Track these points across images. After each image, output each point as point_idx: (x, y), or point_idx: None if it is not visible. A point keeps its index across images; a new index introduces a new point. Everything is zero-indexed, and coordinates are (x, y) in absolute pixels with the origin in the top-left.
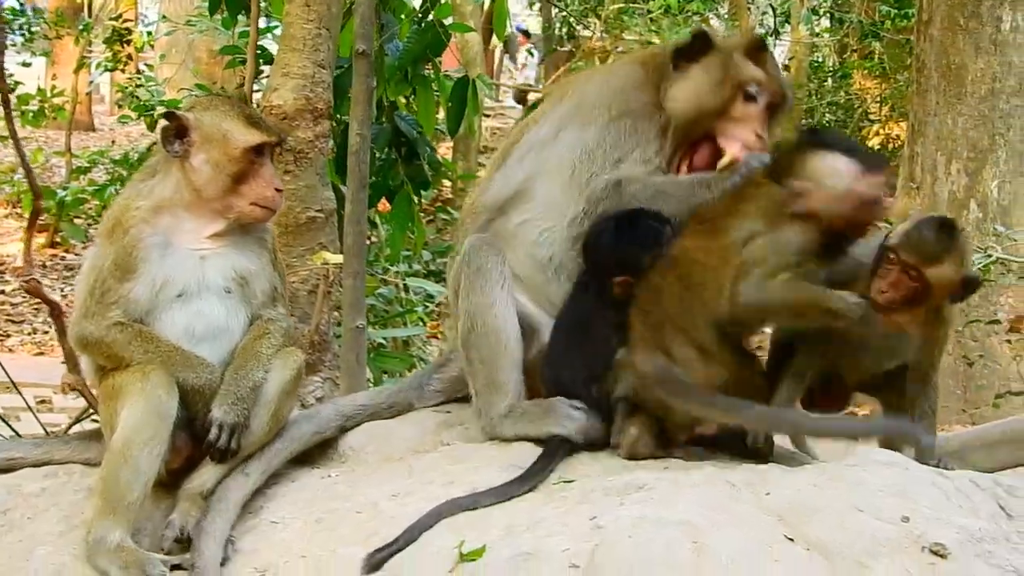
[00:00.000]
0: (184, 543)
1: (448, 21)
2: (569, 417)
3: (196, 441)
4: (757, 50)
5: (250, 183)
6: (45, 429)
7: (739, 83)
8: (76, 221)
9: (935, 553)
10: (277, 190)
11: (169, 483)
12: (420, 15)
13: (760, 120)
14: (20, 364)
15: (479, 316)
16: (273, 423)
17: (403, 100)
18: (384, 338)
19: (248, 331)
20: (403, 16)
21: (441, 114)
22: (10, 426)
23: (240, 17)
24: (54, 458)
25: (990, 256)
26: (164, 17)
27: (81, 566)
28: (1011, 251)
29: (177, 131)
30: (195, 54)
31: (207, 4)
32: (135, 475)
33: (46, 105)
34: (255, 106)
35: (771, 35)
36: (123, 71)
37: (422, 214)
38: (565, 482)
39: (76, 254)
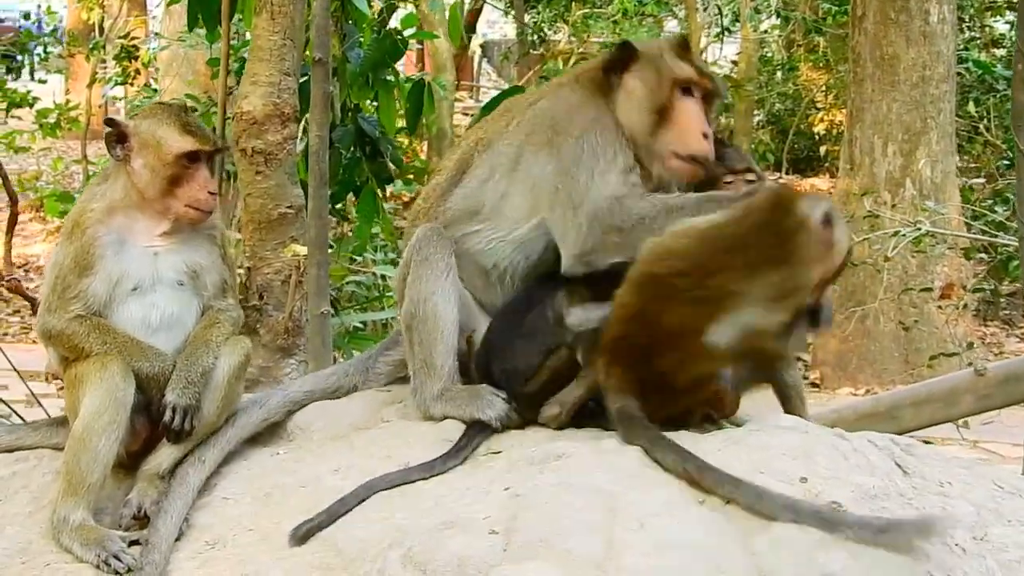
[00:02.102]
0: (142, 520)
1: (414, 30)
2: (491, 404)
3: (153, 424)
4: (682, 48)
5: (184, 187)
6: (47, 412)
7: (674, 81)
8: None
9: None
10: (211, 193)
11: (129, 465)
12: (379, 25)
13: (702, 115)
14: (39, 355)
15: (422, 302)
16: (224, 405)
17: (368, 103)
18: (362, 322)
19: (199, 321)
20: (364, 25)
21: None
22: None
23: None
24: (25, 443)
25: (920, 229)
26: (157, 34)
27: (46, 543)
28: (943, 224)
29: (118, 137)
30: (194, 67)
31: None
32: (95, 458)
33: (62, 118)
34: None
35: (721, 33)
36: (132, 84)
37: (400, 207)
38: (493, 453)
39: None
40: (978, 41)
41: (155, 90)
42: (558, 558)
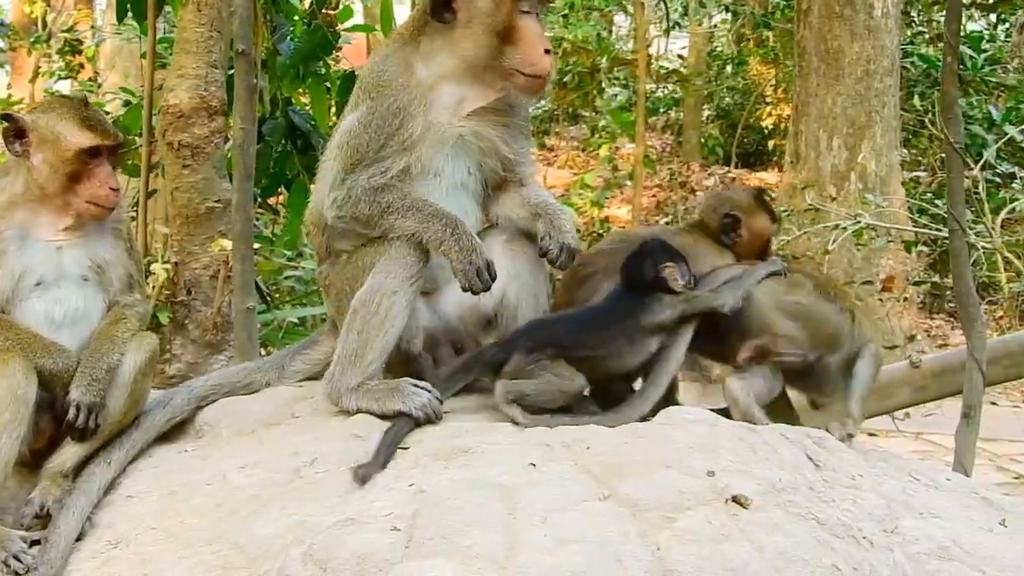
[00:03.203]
0: (44, 519)
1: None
2: (413, 394)
3: (58, 422)
4: None
5: (85, 183)
6: None
7: (512, 1)
8: None
9: (738, 504)
10: (113, 189)
11: (33, 464)
12: (309, 17)
13: (542, 33)
14: None
15: (383, 296)
16: (131, 402)
17: (299, 96)
18: (300, 317)
19: (105, 317)
20: (295, 18)
21: None
22: None
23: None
24: None
25: (859, 222)
26: (93, 27)
27: None
28: (887, 218)
29: (16, 133)
30: (136, 60)
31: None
32: None
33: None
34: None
35: (669, 28)
36: (76, 79)
37: None
38: (402, 448)
39: None
40: (925, 35)
41: (99, 84)
42: (459, 555)
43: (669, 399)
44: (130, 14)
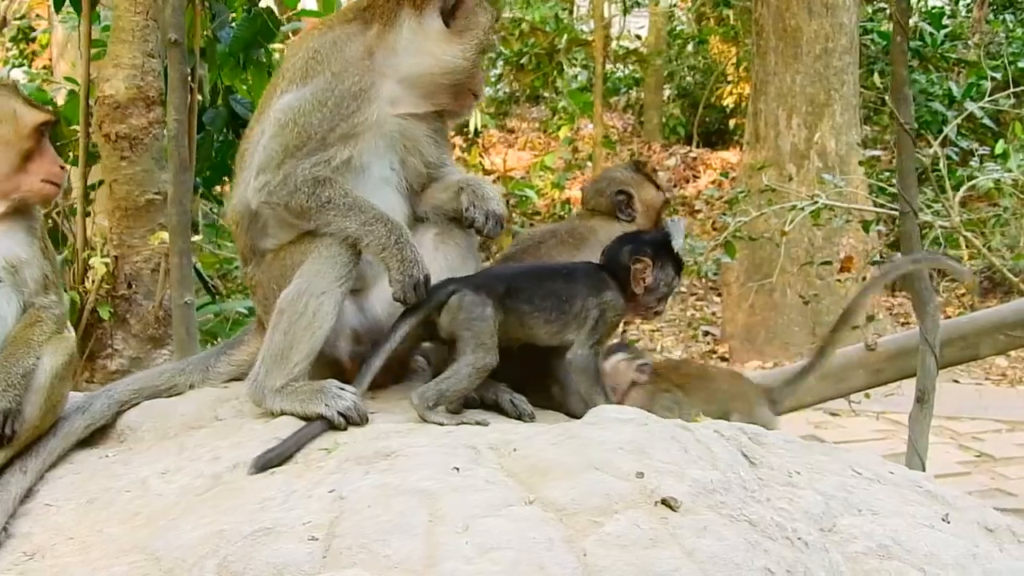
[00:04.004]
0: None
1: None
2: (337, 397)
3: None
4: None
5: (38, 161)
6: None
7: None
8: None
9: (667, 506)
10: (60, 167)
11: None
12: (250, 4)
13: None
14: None
15: (311, 296)
16: (48, 407)
17: (241, 84)
18: (248, 308)
19: (20, 320)
20: (236, 5)
21: None
22: None
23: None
24: None
25: (816, 203)
26: (38, 15)
27: None
28: (849, 198)
29: None
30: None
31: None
32: None
33: None
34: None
35: (627, 7)
36: (31, 67)
37: None
38: (324, 451)
39: None
40: (885, 12)
41: (51, 72)
42: (377, 565)
43: None
44: (68, 3)
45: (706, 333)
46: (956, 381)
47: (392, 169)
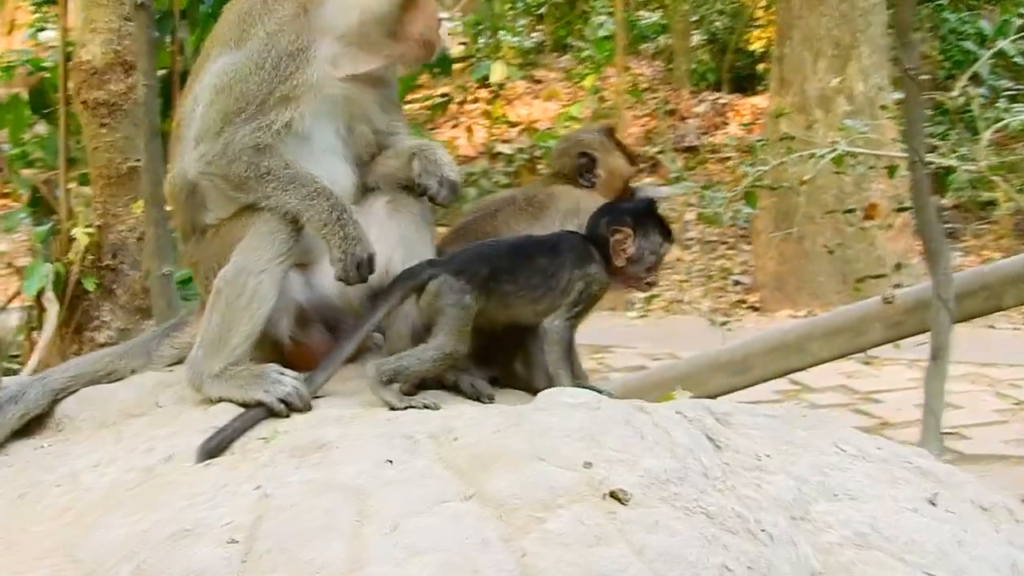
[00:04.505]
0: None
1: None
2: (277, 383)
3: None
4: None
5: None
6: None
7: None
8: None
9: (616, 499)
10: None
11: None
12: None
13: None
14: None
15: (247, 276)
16: None
17: None
18: None
19: None
20: None
21: None
22: None
23: None
24: None
25: (835, 150)
26: None
27: None
28: (877, 143)
29: None
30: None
31: None
32: None
33: None
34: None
35: None
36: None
37: None
38: (264, 440)
39: None
40: None
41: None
42: (298, 571)
43: None
44: None
45: (736, 283)
46: (992, 327)
47: (338, 137)
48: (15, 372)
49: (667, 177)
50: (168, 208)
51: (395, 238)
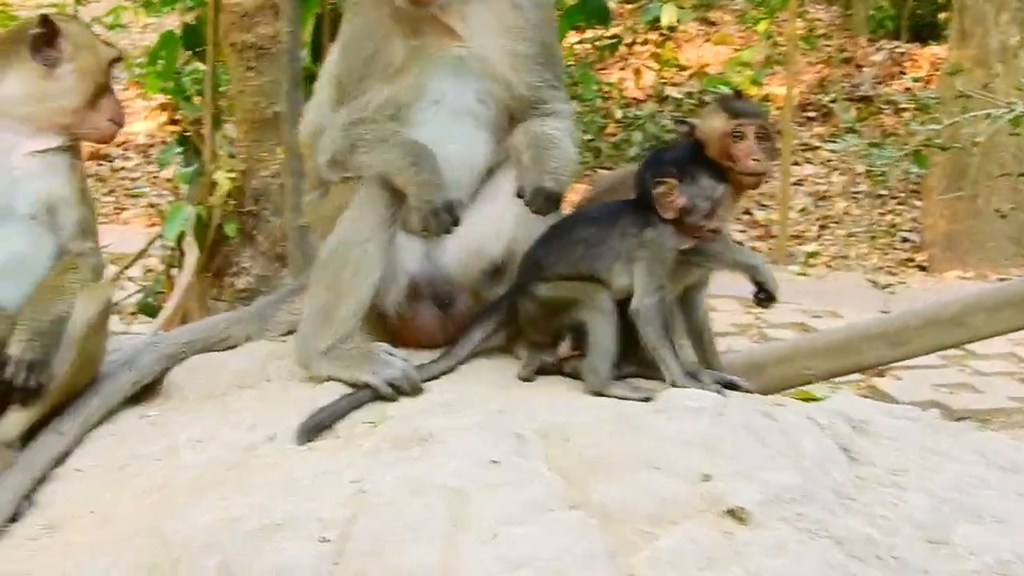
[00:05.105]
0: None
1: None
2: (386, 364)
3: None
4: None
5: (107, 98)
6: None
7: None
8: None
9: (735, 517)
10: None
11: None
12: None
13: None
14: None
15: (352, 245)
16: (82, 362)
17: None
18: None
19: (54, 266)
20: None
21: None
22: None
23: None
24: None
25: (1013, 110)
26: None
27: None
28: None
29: (48, 38)
30: None
31: None
32: None
33: None
34: None
35: None
36: None
37: None
38: (371, 424)
39: None
40: None
41: None
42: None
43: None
44: None
45: (904, 240)
46: None
47: (479, 100)
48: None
49: (838, 127)
50: None
51: (520, 216)
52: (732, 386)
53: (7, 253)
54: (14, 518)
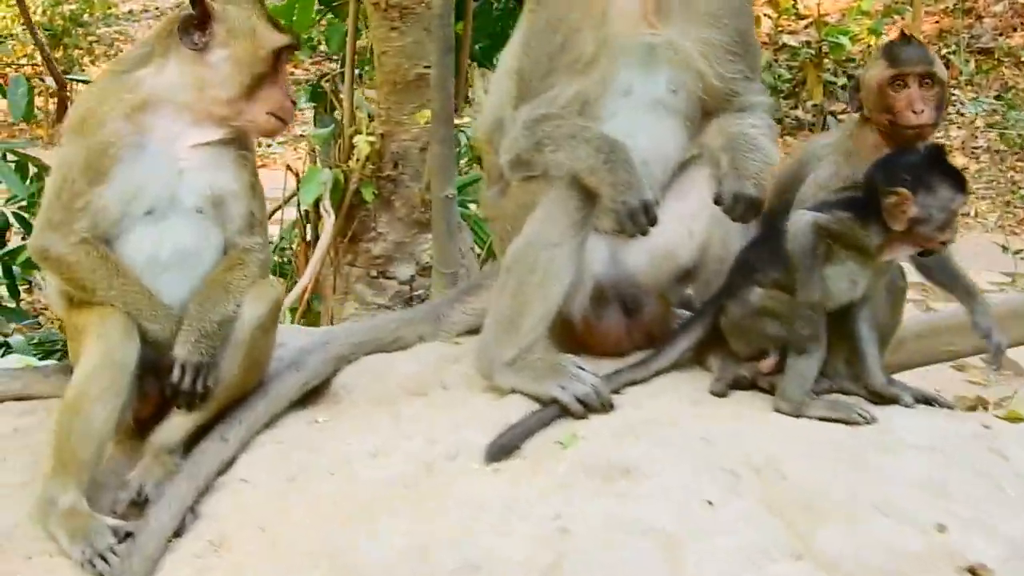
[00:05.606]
0: (142, 505)
1: None
2: (575, 379)
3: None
4: None
5: (268, 89)
6: None
7: None
8: None
9: None
10: (292, 101)
11: (139, 433)
12: None
13: None
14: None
15: (539, 249)
16: (249, 364)
17: None
18: None
19: (220, 261)
20: None
21: None
22: None
23: None
24: (32, 392)
25: None
26: None
27: (33, 528)
28: None
29: (200, 20)
30: None
31: None
32: (87, 431)
33: None
34: None
35: None
36: None
37: None
38: (560, 444)
39: None
40: None
41: None
42: None
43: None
44: None
45: None
46: None
47: (672, 91)
48: (289, 288)
49: (958, 79)
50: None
51: (714, 215)
52: (929, 401)
53: (173, 246)
54: (178, 532)
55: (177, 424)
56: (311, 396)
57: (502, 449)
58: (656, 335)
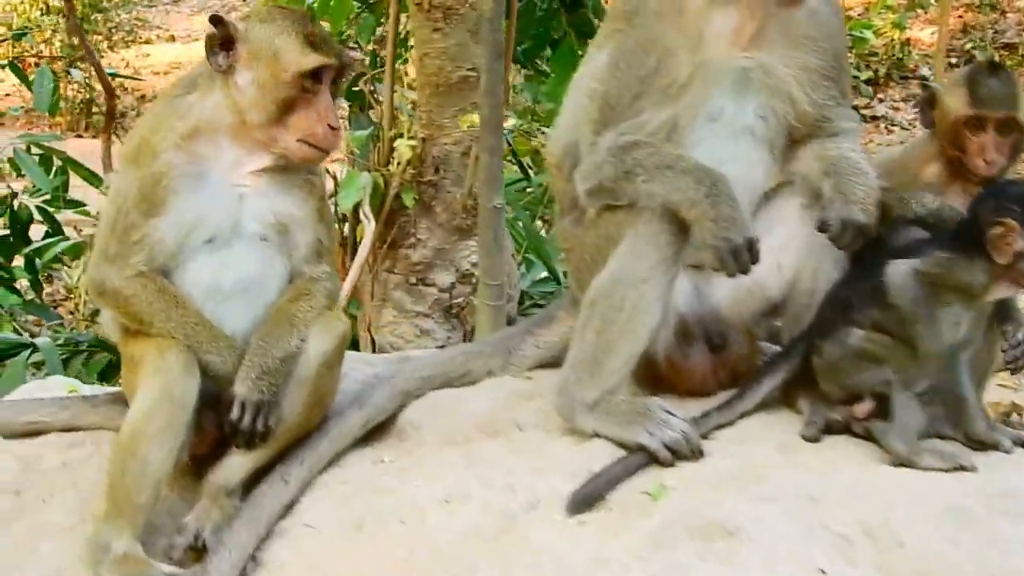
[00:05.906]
0: (200, 551)
1: None
2: (663, 424)
3: (223, 422)
4: None
5: (299, 115)
6: None
7: None
8: None
9: None
10: (331, 127)
11: (196, 471)
12: None
13: None
14: None
15: (626, 286)
16: (312, 402)
17: None
18: None
19: (285, 291)
20: None
21: None
22: None
23: None
24: (81, 423)
25: None
26: None
27: (84, 573)
28: None
29: (223, 41)
30: None
31: None
32: (144, 472)
33: None
34: None
35: None
36: None
37: None
38: (648, 496)
39: None
40: None
41: None
42: None
43: None
44: None
45: None
46: None
47: (760, 117)
48: None
49: None
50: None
51: (804, 247)
52: None
53: (235, 275)
54: None
55: (236, 464)
56: (376, 433)
57: (586, 499)
58: (742, 372)
